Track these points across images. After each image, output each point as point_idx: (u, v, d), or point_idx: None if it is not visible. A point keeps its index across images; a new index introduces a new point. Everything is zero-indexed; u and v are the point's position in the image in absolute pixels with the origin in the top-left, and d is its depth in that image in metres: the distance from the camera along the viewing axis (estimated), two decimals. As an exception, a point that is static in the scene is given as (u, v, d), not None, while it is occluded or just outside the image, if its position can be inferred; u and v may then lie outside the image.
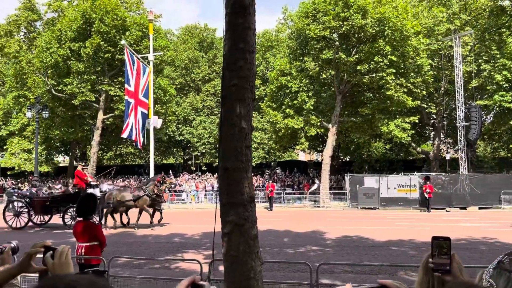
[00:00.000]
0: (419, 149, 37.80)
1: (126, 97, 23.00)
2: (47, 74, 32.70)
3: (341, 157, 45.88)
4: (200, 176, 39.65)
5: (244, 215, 4.13)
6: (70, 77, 31.80)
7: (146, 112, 24.61)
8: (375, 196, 25.60)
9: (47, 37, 32.54)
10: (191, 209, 27.62)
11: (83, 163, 19.89)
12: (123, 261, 9.91)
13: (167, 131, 41.44)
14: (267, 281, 6.43)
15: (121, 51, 29.10)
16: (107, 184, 36.00)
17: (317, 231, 15.46)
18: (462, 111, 28.14)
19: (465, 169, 27.47)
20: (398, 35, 25.95)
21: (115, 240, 13.36)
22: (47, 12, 39.20)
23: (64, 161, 54.12)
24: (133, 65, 22.83)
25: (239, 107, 4.10)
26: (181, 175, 39.23)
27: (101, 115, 32.70)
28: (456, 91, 28.21)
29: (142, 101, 23.91)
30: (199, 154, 44.43)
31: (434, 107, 32.66)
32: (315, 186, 31.67)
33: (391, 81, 26.24)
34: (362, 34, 26.49)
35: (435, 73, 30.18)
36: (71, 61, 31.24)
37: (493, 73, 28.46)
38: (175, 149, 49.79)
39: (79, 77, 31.84)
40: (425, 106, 31.76)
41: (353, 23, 25.68)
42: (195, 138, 43.12)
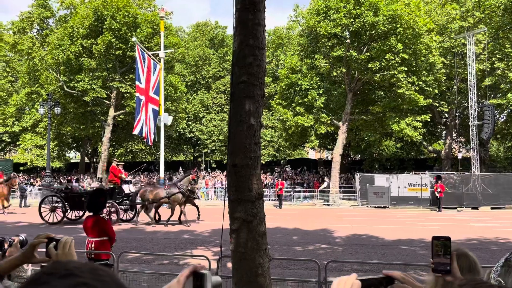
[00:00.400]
0: (430, 148, 37.44)
1: (137, 94, 23.12)
2: (59, 70, 33.04)
3: (351, 156, 45.64)
4: (209, 173, 39.77)
5: (252, 211, 4.12)
6: (81, 74, 32.09)
7: (157, 109, 24.72)
8: (385, 195, 25.43)
9: (59, 34, 32.86)
10: (200, 206, 27.68)
11: (118, 159, 20.01)
12: (132, 257, 9.99)
13: (177, 128, 41.61)
14: (275, 278, 6.43)
15: (132, 48, 29.28)
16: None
17: (326, 229, 15.40)
18: (474, 110, 27.79)
19: (477, 168, 27.14)
20: (410, 33, 25.69)
21: (125, 236, 13.47)
22: (59, 9, 39.58)
23: (75, 157, 54.70)
24: (144, 62, 22.93)
25: (248, 103, 4.09)
26: (192, 172, 39.35)
27: (112, 112, 32.95)
28: (468, 89, 27.86)
29: (152, 98, 24.01)
30: (209, 151, 44.56)
31: (446, 106, 32.30)
32: (325, 184, 31.56)
33: (402, 79, 26.00)
34: (373, 31, 26.28)
35: (447, 71, 29.83)
36: (83, 58, 31.52)
37: (506, 72, 28.05)
38: (185, 146, 49.99)
39: (91, 74, 32.11)
40: (437, 104, 31.42)
41: (365, 21, 25.48)
42: (205, 135, 43.23)
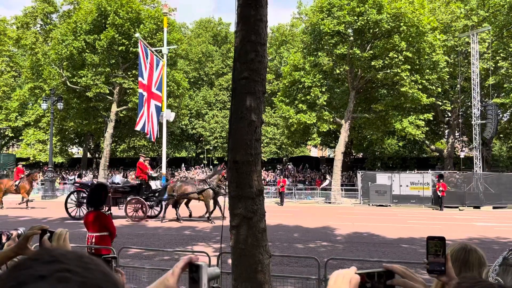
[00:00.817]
0: (433, 147, 37.34)
1: (140, 90, 23.12)
2: (62, 66, 33.07)
3: (354, 154, 45.59)
4: (211, 170, 39.81)
5: (252, 208, 4.12)
6: (84, 69, 32.11)
7: (159, 105, 24.72)
8: (387, 193, 25.40)
9: (62, 29, 32.88)
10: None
11: (145, 155, 20.00)
12: (133, 252, 10.01)
13: (180, 125, 41.63)
14: (275, 275, 6.43)
15: (135, 44, 29.27)
16: (119, 176, 36.42)
17: (328, 227, 15.40)
18: (478, 109, 27.68)
19: (480, 167, 27.05)
20: (414, 31, 25.58)
21: (126, 231, 13.50)
22: (63, 4, 39.60)
23: (78, 153, 54.82)
24: (147, 58, 22.92)
25: (249, 100, 4.08)
26: (193, 169, 39.45)
27: (114, 108, 32.97)
28: (472, 88, 27.75)
29: (155, 94, 24.01)
30: (211, 148, 44.58)
31: (449, 105, 32.18)
32: (327, 182, 31.54)
33: (405, 78, 25.91)
34: (377, 29, 26.18)
35: (451, 70, 29.70)
36: (86, 54, 31.52)
37: (510, 71, 27.93)
38: (187, 143, 50.05)
39: (94, 70, 32.13)
40: (440, 103, 31.31)
41: (368, 18, 25.38)
42: (208, 132, 43.25)
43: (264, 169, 35.47)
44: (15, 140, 45.53)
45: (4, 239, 2.13)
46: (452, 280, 1.31)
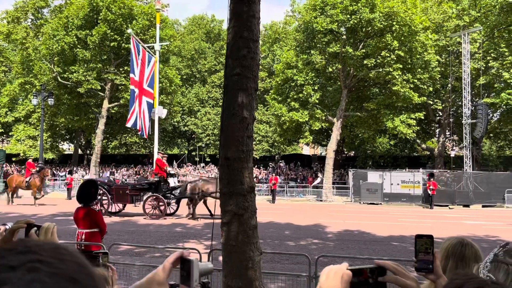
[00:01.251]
0: (423, 146, 37.62)
1: (131, 87, 23.00)
2: (53, 61, 32.75)
3: (345, 152, 45.76)
4: (203, 167, 39.74)
5: (243, 205, 4.11)
6: (76, 65, 31.82)
7: (151, 101, 24.60)
8: (378, 191, 25.56)
9: (54, 24, 32.53)
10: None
11: (163, 152, 19.87)
12: (124, 249, 9.97)
13: (172, 122, 41.48)
14: (266, 272, 6.44)
15: (127, 40, 29.05)
16: (110, 172, 36.19)
17: (319, 224, 15.46)
18: (468, 108, 27.93)
19: (470, 167, 27.32)
20: (406, 30, 25.71)
21: (117, 228, 13.44)
22: (54, -1, 39.20)
23: (69, 149, 54.40)
24: (139, 55, 22.78)
25: (241, 96, 4.07)
26: (185, 166, 39.34)
27: (106, 104, 32.75)
28: (463, 88, 27.99)
29: (147, 90, 23.88)
30: (203, 145, 44.49)
31: (440, 104, 32.43)
32: (318, 180, 31.65)
33: (397, 77, 26.05)
34: (369, 28, 26.28)
35: (442, 69, 29.92)
36: (78, 49, 31.24)
37: (501, 71, 28.18)
38: (179, 140, 49.88)
39: (85, 65, 31.86)
40: (431, 102, 31.54)
41: (361, 17, 25.46)
42: (200, 129, 43.14)
43: (256, 166, 35.49)
44: (4, 135, 45.04)
45: None
46: (439, 278, 1.32)
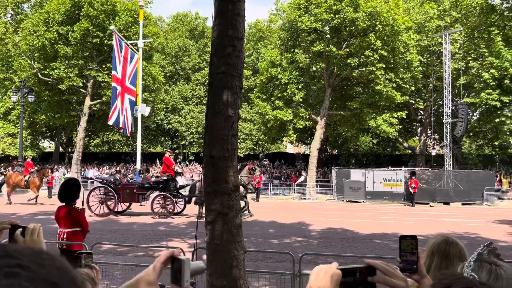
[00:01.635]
0: (405, 144, 38.15)
1: (113, 84, 22.69)
2: (33, 57, 32.08)
3: (329, 150, 46.11)
4: (187, 165, 39.53)
5: (228, 204, 4.11)
6: (57, 61, 31.26)
7: (133, 99, 24.35)
8: (360, 189, 25.80)
9: (34, 19, 31.86)
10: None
11: (170, 151, 19.61)
12: (106, 248, 9.85)
13: (155, 119, 41.15)
14: (250, 270, 6.45)
15: (110, 36, 28.66)
16: (92, 170, 35.72)
17: (302, 222, 15.54)
18: (449, 108, 28.42)
19: (450, 165, 27.81)
20: (389, 30, 26.01)
21: (99, 227, 13.27)
22: (34, -6, 38.37)
23: (50, 147, 53.46)
24: (121, 52, 22.50)
25: (226, 94, 4.06)
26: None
27: (88, 101, 32.27)
28: (444, 88, 28.45)
29: (129, 88, 23.62)
30: (187, 143, 44.26)
31: (422, 103, 32.92)
32: (302, 178, 31.80)
33: (380, 76, 26.33)
34: (353, 27, 26.49)
35: (424, 69, 30.37)
36: (59, 45, 30.68)
37: (480, 71, 28.74)
38: (162, 138, 49.50)
39: (67, 62, 31.32)
40: (413, 101, 32.00)
41: (345, 16, 25.65)
42: (183, 127, 42.90)
43: (240, 164, 35.43)
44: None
45: None
46: (423, 278, 1.33)
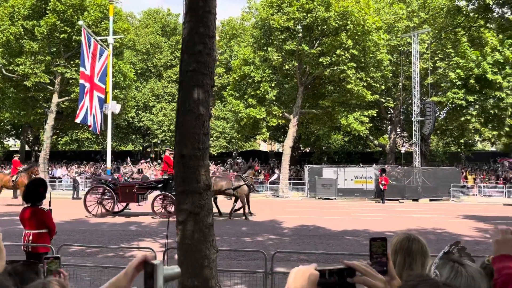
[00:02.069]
0: (376, 142, 38.91)
1: (81, 81, 22.12)
2: (-3, 52, 30.88)
3: (302, 148, 46.48)
4: (159, 164, 39.01)
5: (199, 203, 4.06)
6: (22, 57, 30.17)
7: (103, 97, 23.83)
8: (332, 186, 26.14)
9: (-2, 13, 30.65)
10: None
11: (171, 149, 19.07)
12: (75, 249, 9.60)
13: (126, 117, 40.35)
14: (223, 270, 6.42)
15: (78, 32, 27.88)
16: (60, 170, 34.77)
17: (275, 220, 15.61)
18: (417, 106, 29.14)
19: (419, 162, 28.54)
20: (360, 30, 26.41)
21: (67, 227, 12.92)
22: (-2, -14, 36.90)
23: (15, 145, 51.69)
24: (90, 48, 21.95)
25: (197, 92, 4.01)
26: (140, 163, 38.50)
27: (56, 98, 31.32)
28: (412, 87, 29.15)
29: (98, 85, 23.08)
30: (159, 141, 43.65)
31: (392, 102, 33.63)
32: (275, 176, 31.94)
33: (351, 75, 26.72)
34: (325, 26, 26.76)
35: (394, 68, 31.03)
36: (24, 40, 29.63)
37: (447, 71, 29.59)
38: (134, 136, 48.66)
39: (33, 58, 30.28)
40: (383, 100, 32.65)
41: (317, 15, 25.89)
42: (155, 125, 42.28)
43: (213, 163, 35.29)
44: None
45: None
46: (393, 279, 1.35)
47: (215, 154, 39.87)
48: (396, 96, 33.56)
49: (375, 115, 31.25)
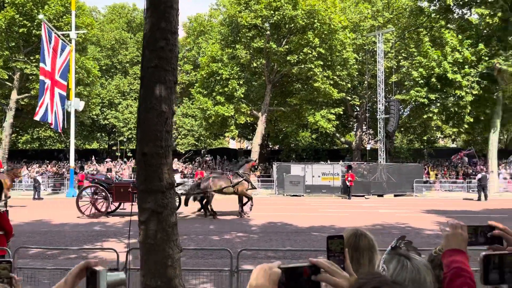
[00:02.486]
0: (343, 139, 39.57)
1: (41, 77, 21.35)
2: (-49, 47, 29.38)
3: (270, 146, 46.70)
4: (125, 162, 38.23)
5: (162, 202, 3.98)
6: (-22, 52, 28.89)
7: (64, 93, 23.10)
8: (300, 183, 26.37)
9: (-49, 5, 29.17)
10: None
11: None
12: (35, 252, 9.26)
13: (90, 115, 39.28)
14: (189, 269, 6.35)
15: (38, 26, 26.92)
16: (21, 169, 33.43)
17: (243, 217, 15.61)
18: (382, 104, 29.82)
19: (383, 159, 29.24)
20: (326, 28, 26.75)
21: (27, 229, 12.45)
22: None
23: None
24: (50, 43, 21.22)
25: (158, 89, 3.92)
26: (105, 162, 37.59)
27: (15, 95, 30.14)
28: (377, 85, 29.80)
29: (59, 82, 22.35)
30: (125, 139, 42.79)
31: (357, 100, 34.28)
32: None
33: (318, 73, 27.05)
34: (292, 25, 26.95)
35: (359, 67, 31.63)
36: (-20, 34, 28.36)
37: (410, 70, 30.41)
38: (99, 134, 47.45)
39: (-10, 52, 29.03)
40: (350, 98, 33.23)
41: (284, 14, 26.03)
42: (121, 122, 41.39)
43: (181, 161, 34.93)
44: None
45: None
46: (350, 276, 1.35)
47: (183, 151, 39.41)
48: (362, 94, 34.22)
49: (342, 113, 31.81)
